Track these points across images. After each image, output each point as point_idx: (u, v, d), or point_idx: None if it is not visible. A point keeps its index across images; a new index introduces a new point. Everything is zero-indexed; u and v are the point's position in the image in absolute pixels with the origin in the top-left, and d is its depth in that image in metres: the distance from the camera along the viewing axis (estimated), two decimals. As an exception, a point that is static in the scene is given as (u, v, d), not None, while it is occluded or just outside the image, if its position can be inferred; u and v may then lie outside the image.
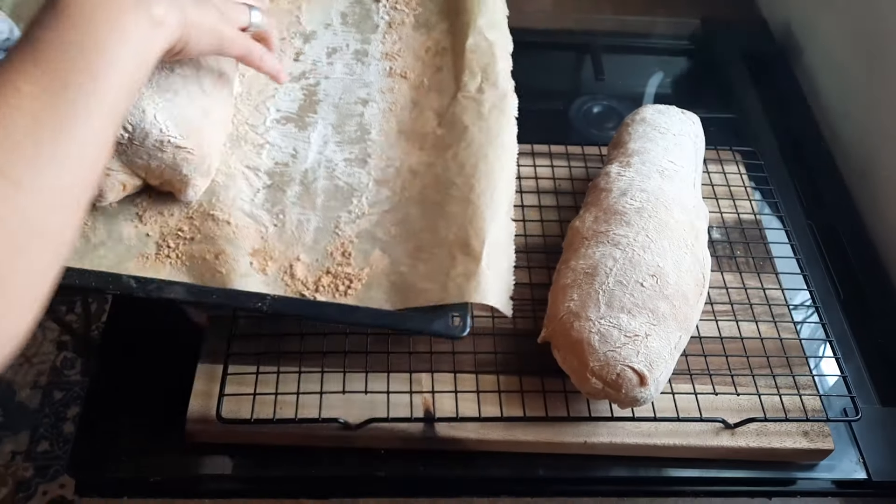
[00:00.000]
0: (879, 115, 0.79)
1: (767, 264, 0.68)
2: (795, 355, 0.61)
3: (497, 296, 0.52)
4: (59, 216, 0.35)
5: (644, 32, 0.99)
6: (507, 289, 0.54)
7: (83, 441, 0.57)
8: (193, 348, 0.59)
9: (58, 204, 0.35)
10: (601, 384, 0.52)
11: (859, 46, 0.84)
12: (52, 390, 1.41)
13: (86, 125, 0.36)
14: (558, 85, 0.91)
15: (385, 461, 0.57)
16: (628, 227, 0.58)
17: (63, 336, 1.46)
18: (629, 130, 0.68)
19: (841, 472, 0.59)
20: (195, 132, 0.52)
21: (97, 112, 0.37)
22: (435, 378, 0.58)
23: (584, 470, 0.58)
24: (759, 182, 0.75)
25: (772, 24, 0.98)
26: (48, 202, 0.34)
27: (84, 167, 0.36)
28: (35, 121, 0.34)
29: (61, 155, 0.35)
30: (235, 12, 0.52)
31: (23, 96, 0.34)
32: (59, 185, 0.35)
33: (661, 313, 0.54)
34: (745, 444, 0.57)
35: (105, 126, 0.38)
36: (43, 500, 1.29)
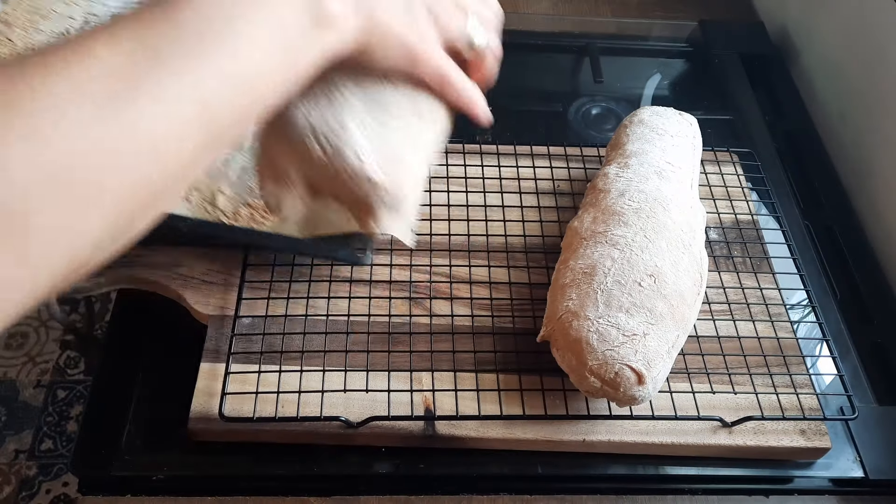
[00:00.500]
0: (876, 117, 0.80)
1: (764, 264, 0.69)
2: (792, 354, 0.62)
3: (399, 227, 0.47)
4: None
5: (642, 35, 1.00)
6: (411, 222, 0.48)
7: (86, 439, 0.57)
8: (196, 347, 0.59)
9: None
10: (600, 383, 0.53)
11: (856, 48, 0.84)
12: (56, 389, 1.41)
13: (168, 104, 0.28)
14: (557, 87, 0.92)
15: (386, 459, 0.57)
16: (626, 227, 0.59)
17: (66, 335, 1.47)
18: (627, 132, 0.69)
19: (838, 470, 0.59)
20: (398, 169, 0.44)
21: (189, 95, 0.29)
22: (435, 377, 0.58)
23: (582, 468, 0.58)
24: (756, 183, 0.75)
25: (769, 26, 0.98)
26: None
27: (151, 151, 0.28)
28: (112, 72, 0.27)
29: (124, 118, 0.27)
30: (448, 18, 0.40)
31: (121, 41, 0.28)
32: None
33: (659, 313, 0.54)
34: (742, 443, 0.57)
35: (196, 115, 0.29)
36: (46, 498, 1.29)
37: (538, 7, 1.00)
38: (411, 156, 0.45)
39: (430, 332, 0.61)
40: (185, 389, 0.56)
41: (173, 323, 0.63)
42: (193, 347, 0.59)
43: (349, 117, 0.42)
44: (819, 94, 0.90)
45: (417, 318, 0.62)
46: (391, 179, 0.43)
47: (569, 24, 0.99)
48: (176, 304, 0.62)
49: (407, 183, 0.45)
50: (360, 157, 0.42)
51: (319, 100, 0.42)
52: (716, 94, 0.91)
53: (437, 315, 0.62)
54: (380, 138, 0.43)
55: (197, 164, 0.32)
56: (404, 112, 0.44)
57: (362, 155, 0.42)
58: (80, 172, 0.26)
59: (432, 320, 0.62)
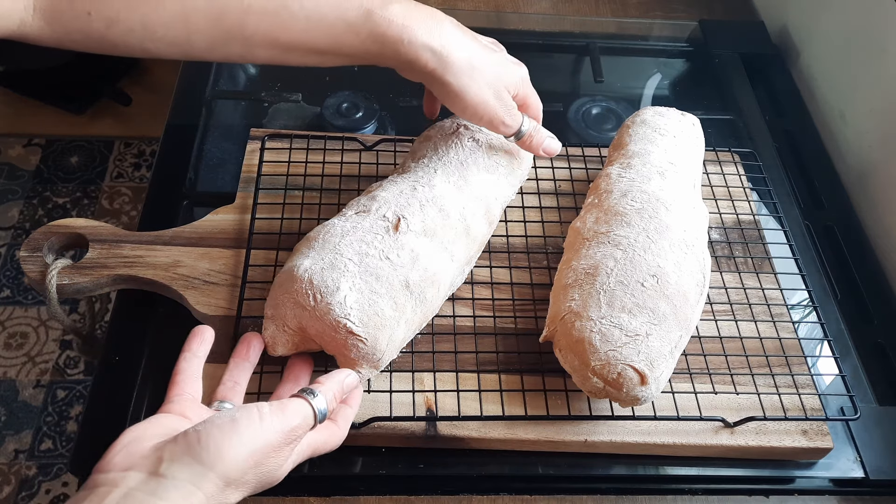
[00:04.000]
0: (876, 117, 0.80)
1: (766, 264, 0.69)
2: (794, 354, 0.62)
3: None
4: None
5: (642, 34, 1.00)
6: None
7: (86, 440, 0.57)
8: (197, 348, 0.59)
9: None
10: (602, 383, 0.53)
11: (856, 48, 0.84)
12: (56, 389, 1.41)
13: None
14: (558, 87, 0.92)
15: (386, 459, 0.57)
16: (629, 227, 0.58)
17: (66, 335, 1.47)
18: (629, 132, 0.69)
19: (838, 470, 0.59)
20: (376, 326, 0.53)
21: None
22: (437, 377, 0.58)
23: (584, 468, 0.58)
24: (757, 183, 0.75)
25: (769, 26, 0.98)
26: None
27: None
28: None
29: None
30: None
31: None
32: None
33: (662, 313, 0.54)
34: (744, 443, 0.57)
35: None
36: (46, 498, 1.29)
37: (539, 7, 1.00)
38: (390, 317, 0.53)
39: (432, 333, 0.61)
40: (186, 390, 0.56)
41: (174, 323, 0.62)
42: (195, 348, 0.59)
43: (342, 279, 0.52)
44: (819, 94, 0.90)
45: (419, 318, 0.62)
46: (370, 334, 0.52)
47: (569, 23, 0.99)
48: (177, 304, 0.62)
49: (383, 340, 0.53)
50: (345, 312, 0.51)
51: (325, 263, 0.53)
52: (716, 93, 0.91)
53: (439, 315, 0.62)
54: (364, 298, 0.52)
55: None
56: (393, 281, 0.54)
57: (348, 311, 0.52)
58: None
59: (434, 321, 0.62)
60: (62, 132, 1.82)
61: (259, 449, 0.41)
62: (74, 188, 1.73)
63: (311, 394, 0.45)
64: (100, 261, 0.62)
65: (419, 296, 0.55)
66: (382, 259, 0.54)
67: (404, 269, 0.55)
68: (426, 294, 0.56)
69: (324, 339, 0.53)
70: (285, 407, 0.43)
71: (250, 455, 0.40)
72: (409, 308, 0.55)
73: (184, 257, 0.63)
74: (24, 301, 1.53)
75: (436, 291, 0.57)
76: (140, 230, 0.66)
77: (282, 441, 0.42)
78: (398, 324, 0.54)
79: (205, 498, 0.38)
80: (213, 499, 0.39)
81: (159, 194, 0.74)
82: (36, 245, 0.62)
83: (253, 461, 0.40)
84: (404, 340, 0.57)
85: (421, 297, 0.55)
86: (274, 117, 0.82)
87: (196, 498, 0.38)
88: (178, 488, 0.38)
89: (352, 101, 0.82)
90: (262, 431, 0.41)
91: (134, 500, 0.37)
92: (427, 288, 0.56)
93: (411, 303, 0.55)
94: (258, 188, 0.68)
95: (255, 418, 0.41)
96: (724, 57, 0.93)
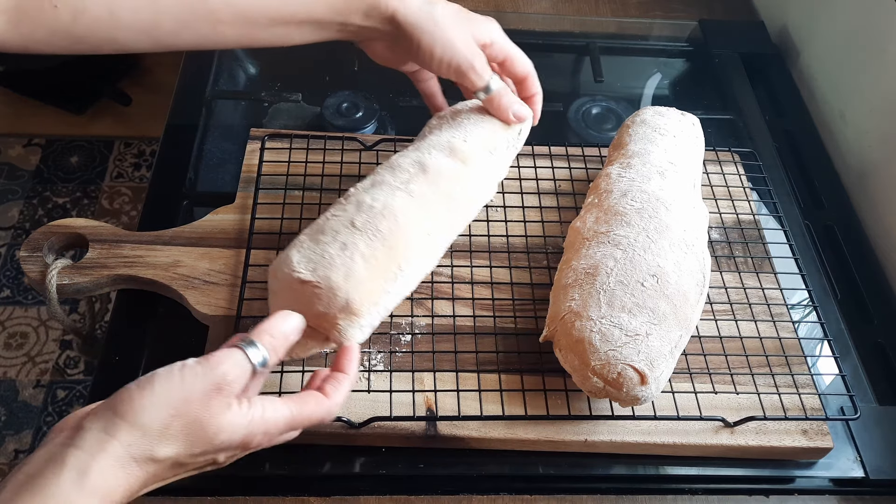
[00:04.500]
0: (876, 116, 0.80)
1: (766, 264, 0.69)
2: (794, 354, 0.62)
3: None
4: None
5: (642, 34, 1.00)
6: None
7: (88, 440, 0.57)
8: (197, 348, 0.59)
9: None
10: (602, 383, 0.53)
11: (856, 47, 0.84)
12: (55, 389, 1.41)
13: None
14: (558, 86, 0.92)
15: (387, 459, 0.57)
16: (629, 227, 0.58)
17: (66, 335, 1.47)
18: (629, 132, 0.69)
19: (838, 470, 0.59)
20: (325, 266, 0.51)
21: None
22: (437, 377, 0.58)
23: (584, 468, 0.58)
24: (757, 183, 0.75)
25: (769, 26, 0.98)
26: None
27: None
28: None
29: None
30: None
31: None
32: None
33: (662, 313, 0.54)
34: (744, 443, 0.57)
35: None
36: (45, 499, 1.29)
37: (538, 6, 1.00)
38: (339, 255, 0.52)
39: (431, 333, 0.61)
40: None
41: (174, 323, 0.62)
42: (195, 348, 0.59)
43: (293, 248, 0.53)
44: (819, 94, 0.90)
45: (419, 318, 0.62)
46: (319, 276, 0.51)
47: (569, 23, 0.98)
48: (177, 304, 0.62)
49: (337, 278, 0.51)
50: (294, 266, 0.52)
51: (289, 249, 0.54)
52: (716, 93, 0.91)
53: (438, 315, 0.62)
54: (310, 250, 0.52)
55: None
56: (339, 227, 0.54)
57: (294, 264, 0.52)
58: None
59: (434, 321, 0.62)
60: (62, 132, 1.82)
61: (176, 398, 0.40)
62: (74, 188, 1.73)
63: (247, 342, 0.44)
64: (100, 261, 0.62)
65: (372, 230, 0.53)
66: (328, 219, 0.55)
67: (347, 213, 0.54)
68: (379, 226, 0.54)
69: (305, 314, 0.51)
70: (211, 356, 0.42)
71: (167, 404, 0.40)
72: (361, 244, 0.53)
73: (184, 257, 0.63)
74: (24, 301, 1.53)
75: (393, 224, 0.54)
76: (140, 230, 0.66)
77: (208, 389, 0.41)
78: (353, 259, 0.52)
79: (121, 445, 0.39)
80: (134, 447, 0.39)
81: (159, 194, 0.74)
82: (36, 245, 0.62)
83: (172, 410, 0.40)
84: (375, 279, 0.53)
85: (374, 231, 0.53)
86: (274, 117, 0.81)
87: (111, 445, 0.38)
88: (92, 436, 0.39)
89: (352, 101, 0.82)
90: (181, 380, 0.41)
91: (54, 451, 0.38)
92: (379, 221, 0.54)
93: (364, 239, 0.53)
94: (258, 188, 0.68)
95: (175, 369, 0.41)
96: (724, 57, 0.93)
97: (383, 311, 0.55)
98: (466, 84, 0.61)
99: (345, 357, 0.49)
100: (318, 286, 0.51)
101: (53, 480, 0.37)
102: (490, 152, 0.62)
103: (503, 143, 0.64)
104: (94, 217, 1.62)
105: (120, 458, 0.39)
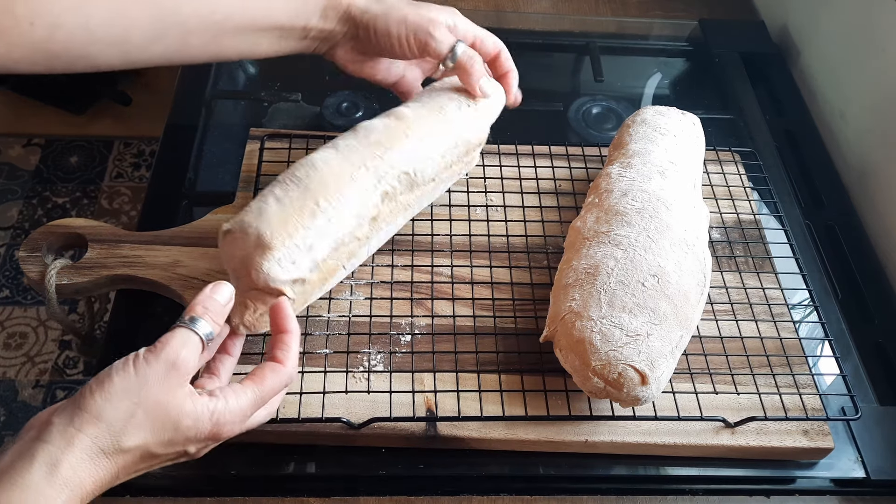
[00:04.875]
0: (876, 116, 0.80)
1: (767, 264, 0.68)
2: (795, 354, 0.62)
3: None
4: None
5: (642, 34, 0.99)
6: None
7: (87, 440, 0.57)
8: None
9: None
10: (603, 383, 0.52)
11: (856, 47, 0.84)
12: (55, 389, 1.41)
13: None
14: (558, 86, 0.92)
15: (386, 460, 0.57)
16: (629, 227, 0.58)
17: (65, 335, 1.47)
18: (630, 132, 0.69)
19: (839, 470, 0.59)
20: (241, 214, 0.54)
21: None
22: (437, 377, 0.58)
23: (584, 468, 0.58)
24: (757, 182, 0.75)
25: (769, 26, 0.98)
26: None
27: None
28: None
29: None
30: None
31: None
32: None
33: (663, 313, 0.54)
34: (745, 443, 0.57)
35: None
36: (44, 499, 1.29)
37: (538, 6, 1.00)
38: (255, 203, 0.54)
39: (431, 333, 0.61)
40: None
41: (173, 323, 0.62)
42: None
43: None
44: (820, 93, 0.90)
45: (419, 318, 0.62)
46: (236, 221, 0.53)
47: (569, 23, 0.98)
48: (176, 304, 0.62)
49: (249, 217, 0.53)
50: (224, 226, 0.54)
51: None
52: (716, 93, 0.91)
53: (438, 315, 0.62)
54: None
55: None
56: (267, 189, 0.55)
57: (225, 224, 0.54)
58: None
59: (434, 321, 0.62)
60: (62, 132, 1.81)
61: (135, 386, 0.41)
62: (74, 188, 1.73)
63: (186, 320, 0.45)
64: (99, 261, 0.62)
65: (290, 178, 0.55)
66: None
67: (280, 177, 0.56)
68: (297, 173, 0.55)
69: (238, 270, 0.54)
70: (158, 342, 0.43)
71: (126, 394, 0.41)
72: (277, 189, 0.55)
73: (183, 257, 0.63)
74: (23, 301, 1.53)
75: (311, 169, 0.56)
76: (139, 230, 0.66)
77: (163, 371, 0.42)
78: (266, 202, 0.54)
79: (88, 438, 0.40)
80: (101, 439, 0.40)
81: (159, 194, 0.74)
82: (35, 245, 0.62)
83: (134, 398, 0.41)
84: (288, 214, 0.53)
85: (291, 178, 0.55)
86: (273, 117, 0.81)
87: (78, 438, 0.39)
88: (59, 431, 0.40)
89: (351, 101, 0.82)
90: (136, 369, 0.42)
91: (24, 447, 0.39)
92: (297, 169, 0.56)
93: (280, 186, 0.55)
94: (258, 188, 0.68)
95: (129, 360, 0.42)
96: (725, 56, 0.93)
97: (306, 248, 0.54)
98: (431, 54, 0.61)
99: (277, 315, 0.49)
100: (234, 231, 0.53)
101: (25, 474, 0.38)
102: (438, 111, 0.62)
103: (454, 104, 0.63)
104: (93, 217, 1.62)
105: (88, 451, 0.40)
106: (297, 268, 0.53)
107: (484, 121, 0.65)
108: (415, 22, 0.59)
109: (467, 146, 0.64)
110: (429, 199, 0.66)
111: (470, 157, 0.66)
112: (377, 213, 0.58)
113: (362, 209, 0.56)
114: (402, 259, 0.65)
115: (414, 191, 0.61)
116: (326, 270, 0.56)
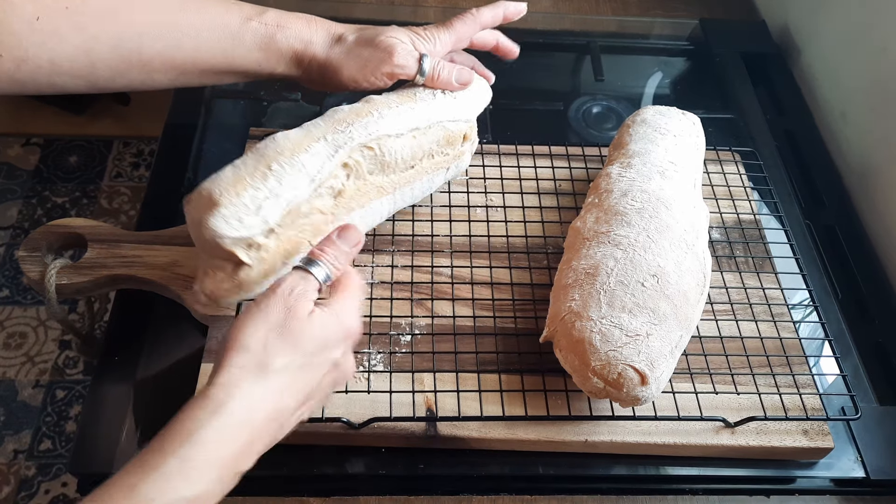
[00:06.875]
0: (877, 116, 0.80)
1: (767, 264, 0.68)
2: (795, 354, 0.62)
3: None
4: None
5: (643, 33, 0.99)
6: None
7: (85, 440, 0.57)
8: (197, 347, 0.59)
9: None
10: (603, 383, 0.52)
11: (857, 47, 0.84)
12: (55, 389, 1.41)
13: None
14: (558, 85, 0.91)
15: (386, 459, 0.57)
16: (629, 227, 0.58)
17: (65, 335, 1.47)
18: (630, 131, 0.69)
19: (839, 470, 0.59)
20: (208, 181, 0.55)
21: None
22: (437, 377, 0.58)
23: (584, 468, 0.58)
24: (758, 182, 0.75)
25: (770, 25, 0.98)
26: None
27: None
28: None
29: None
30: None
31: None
32: None
33: (662, 313, 0.54)
34: (745, 443, 0.57)
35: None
36: (45, 498, 1.29)
37: (539, 5, 1.00)
38: (214, 173, 0.55)
39: (431, 333, 0.61)
40: (185, 390, 0.56)
41: (173, 323, 0.62)
42: (194, 347, 0.59)
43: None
44: (820, 93, 0.90)
45: (419, 318, 0.62)
46: (195, 190, 0.54)
47: (569, 22, 0.98)
48: (176, 304, 0.62)
49: (204, 182, 0.54)
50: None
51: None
52: (717, 92, 0.91)
53: (438, 315, 0.62)
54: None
55: None
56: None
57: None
58: None
59: (434, 321, 0.62)
60: (61, 132, 1.81)
61: (261, 319, 0.45)
62: (73, 188, 1.73)
63: (304, 262, 0.48)
64: (99, 261, 0.62)
65: (252, 151, 0.56)
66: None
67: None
68: (257, 146, 0.56)
69: (199, 237, 0.54)
70: (275, 283, 0.46)
71: (256, 326, 0.44)
72: (237, 160, 0.55)
73: (183, 257, 0.63)
74: (23, 301, 1.53)
75: (270, 142, 0.56)
76: (139, 230, 0.66)
77: (282, 301, 0.45)
78: (223, 170, 0.55)
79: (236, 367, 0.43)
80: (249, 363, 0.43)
81: (158, 194, 0.74)
82: (35, 245, 0.62)
83: (264, 327, 0.44)
84: (239, 176, 0.54)
85: (252, 150, 0.56)
86: (273, 117, 0.81)
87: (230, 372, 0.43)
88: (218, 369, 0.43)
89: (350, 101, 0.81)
90: (258, 308, 0.45)
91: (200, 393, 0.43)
92: (258, 144, 0.56)
93: (241, 158, 0.56)
94: (257, 188, 0.68)
95: (252, 304, 0.46)
96: (725, 56, 0.93)
97: (255, 207, 0.53)
98: (401, 75, 0.62)
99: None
100: (192, 196, 0.54)
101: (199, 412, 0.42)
102: (410, 96, 0.62)
103: (429, 92, 0.63)
104: (93, 217, 1.62)
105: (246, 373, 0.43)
106: (245, 227, 0.53)
107: (463, 109, 0.64)
108: (376, 58, 0.61)
109: (446, 133, 0.63)
110: (416, 190, 0.65)
111: (455, 151, 0.66)
112: (341, 187, 0.58)
113: (317, 175, 0.56)
114: (402, 259, 0.65)
115: (387, 173, 0.60)
116: (287, 241, 0.55)
